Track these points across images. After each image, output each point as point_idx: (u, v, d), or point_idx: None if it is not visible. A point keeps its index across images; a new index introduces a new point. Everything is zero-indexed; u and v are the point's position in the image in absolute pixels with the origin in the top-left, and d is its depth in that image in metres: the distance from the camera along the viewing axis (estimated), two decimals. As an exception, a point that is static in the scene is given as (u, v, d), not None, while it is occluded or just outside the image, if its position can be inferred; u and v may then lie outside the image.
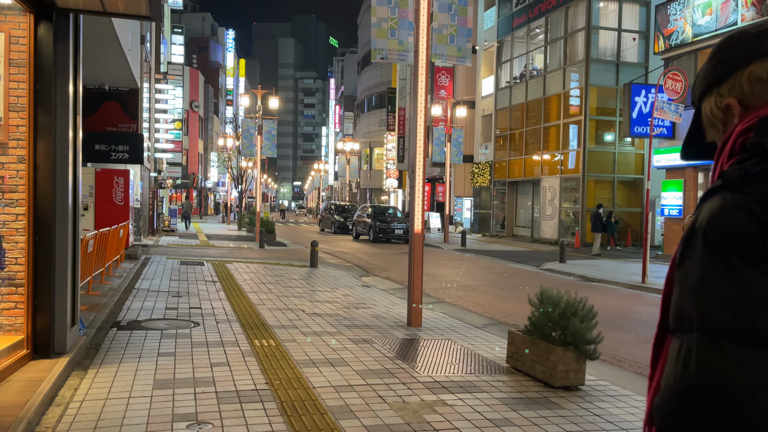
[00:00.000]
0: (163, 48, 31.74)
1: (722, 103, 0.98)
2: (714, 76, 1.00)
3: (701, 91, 1.03)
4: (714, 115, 1.02)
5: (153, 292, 9.36)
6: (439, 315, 8.39)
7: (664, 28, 18.12)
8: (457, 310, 9.15)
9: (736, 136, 0.93)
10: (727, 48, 0.99)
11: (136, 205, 19.47)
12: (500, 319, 8.63)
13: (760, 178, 0.81)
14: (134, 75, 14.24)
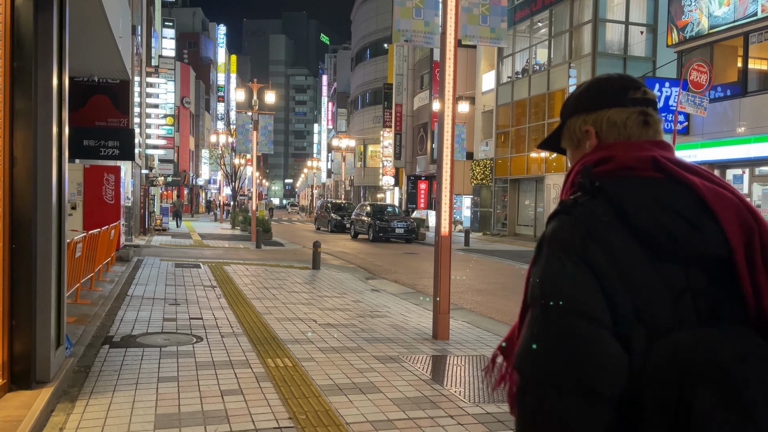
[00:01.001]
0: (154, 42, 30.77)
1: (584, 128, 1.25)
2: (586, 104, 1.25)
3: (571, 111, 1.28)
4: (575, 133, 1.27)
5: (148, 299, 8.55)
6: (463, 324, 7.65)
7: (678, 19, 17.46)
8: (479, 318, 8.41)
9: (574, 174, 1.22)
10: (603, 86, 1.24)
11: (128, 203, 18.59)
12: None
13: (582, 206, 1.12)
14: (125, 65, 13.38)
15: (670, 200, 1.09)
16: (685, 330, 1.04)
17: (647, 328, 1.04)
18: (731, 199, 1.10)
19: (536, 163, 25.76)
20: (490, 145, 29.66)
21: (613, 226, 1.08)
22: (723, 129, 16.56)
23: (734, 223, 1.08)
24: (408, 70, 39.24)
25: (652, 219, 1.08)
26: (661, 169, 1.13)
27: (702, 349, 0.99)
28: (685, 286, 1.07)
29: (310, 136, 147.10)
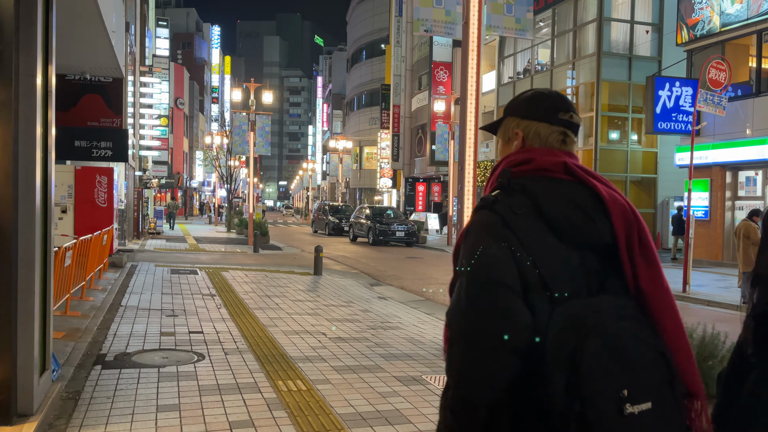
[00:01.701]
0: (148, 42, 30.15)
1: (515, 130, 1.53)
2: (522, 111, 1.53)
3: (511, 112, 1.56)
4: (508, 131, 1.56)
5: (143, 310, 7.97)
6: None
7: (688, 17, 17.02)
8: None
9: (497, 174, 1.49)
10: (540, 102, 1.52)
11: (121, 206, 17.98)
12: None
13: (500, 202, 1.38)
14: (119, 62, 12.80)
15: (574, 197, 1.38)
16: (580, 298, 1.31)
17: (551, 295, 1.30)
18: (619, 200, 1.40)
19: (539, 164, 25.29)
20: (490, 147, 29.17)
21: (528, 216, 1.35)
22: (735, 130, 16.12)
23: (620, 218, 1.38)
24: (406, 71, 38.74)
25: (559, 211, 1.36)
26: (570, 172, 1.41)
27: (590, 312, 1.27)
28: (581, 264, 1.35)
29: (304, 138, 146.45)
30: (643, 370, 1.25)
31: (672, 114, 16.52)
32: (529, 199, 1.38)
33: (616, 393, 1.22)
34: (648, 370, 1.26)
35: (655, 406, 1.24)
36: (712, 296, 11.33)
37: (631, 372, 1.23)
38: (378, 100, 49.77)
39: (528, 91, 1.58)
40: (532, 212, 1.36)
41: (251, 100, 20.99)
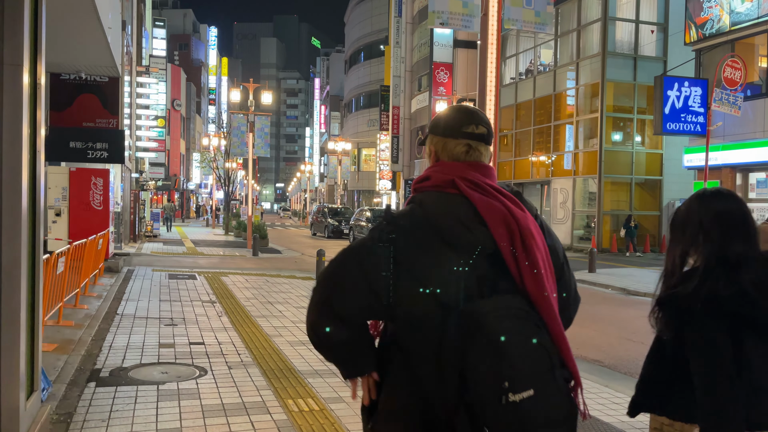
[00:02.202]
0: (145, 42, 29.73)
1: (431, 147, 1.74)
2: (436, 129, 1.73)
3: (430, 130, 1.76)
4: (428, 147, 1.77)
5: (140, 318, 7.57)
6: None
7: (697, 16, 16.70)
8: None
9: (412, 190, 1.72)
10: (450, 120, 1.71)
11: (117, 209, 17.57)
12: (578, 353, 7.00)
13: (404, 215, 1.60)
14: (115, 61, 12.38)
15: (455, 210, 1.58)
16: (471, 301, 1.50)
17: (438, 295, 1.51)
18: (500, 209, 1.57)
19: (542, 166, 24.96)
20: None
21: (421, 226, 1.57)
22: (745, 131, 15.79)
23: (500, 227, 1.55)
24: (405, 72, 38.37)
25: (445, 222, 1.56)
26: (456, 187, 1.61)
27: (477, 314, 1.46)
28: (473, 270, 1.54)
29: (301, 140, 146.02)
30: (525, 362, 1.42)
31: (681, 114, 16.20)
32: (425, 211, 1.57)
33: (498, 385, 1.40)
34: (530, 361, 1.43)
35: (537, 392, 1.42)
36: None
37: (512, 365, 1.40)
38: (376, 101, 49.40)
39: (443, 112, 1.76)
40: (427, 223, 1.56)
41: (250, 100, 20.61)
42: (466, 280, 1.52)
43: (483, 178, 1.63)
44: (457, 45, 32.09)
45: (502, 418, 1.41)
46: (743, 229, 1.79)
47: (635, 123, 22.09)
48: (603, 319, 9.34)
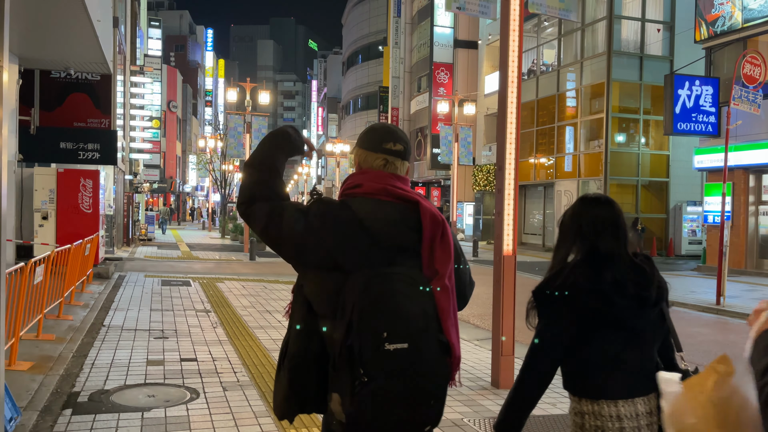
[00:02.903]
0: (140, 42, 29.17)
1: (356, 158, 1.98)
2: (360, 143, 1.98)
3: (357, 141, 2.00)
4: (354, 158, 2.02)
5: (128, 331, 7.01)
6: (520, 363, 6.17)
7: (707, 13, 16.23)
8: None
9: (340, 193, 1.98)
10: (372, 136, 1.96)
11: (109, 211, 16.99)
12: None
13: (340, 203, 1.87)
14: (105, 56, 11.82)
15: (383, 213, 1.83)
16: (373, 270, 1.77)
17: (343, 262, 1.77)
18: (429, 208, 1.84)
19: (545, 168, 24.45)
20: (493, 150, 28.31)
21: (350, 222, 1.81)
22: (758, 131, 15.31)
23: (428, 219, 1.81)
24: (404, 73, 37.86)
25: (374, 223, 1.81)
26: (388, 194, 1.86)
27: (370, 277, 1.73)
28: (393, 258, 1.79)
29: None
30: (404, 320, 1.71)
31: (692, 114, 15.72)
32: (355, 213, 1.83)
33: (379, 335, 1.68)
34: (409, 320, 1.71)
35: (411, 347, 1.70)
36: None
37: (393, 320, 1.69)
38: (374, 103, 48.87)
39: (368, 126, 2.02)
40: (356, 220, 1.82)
41: (247, 100, 20.06)
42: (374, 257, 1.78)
43: (405, 188, 1.90)
44: (458, 45, 31.62)
45: (377, 363, 1.68)
46: (612, 231, 1.99)
47: (641, 124, 21.61)
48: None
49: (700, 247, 21.67)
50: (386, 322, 1.68)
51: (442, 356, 1.76)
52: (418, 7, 36.11)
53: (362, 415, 1.71)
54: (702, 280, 14.78)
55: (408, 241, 1.81)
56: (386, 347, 1.68)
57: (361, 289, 1.72)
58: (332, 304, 1.76)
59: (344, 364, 1.71)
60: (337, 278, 1.77)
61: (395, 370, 1.69)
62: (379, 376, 1.68)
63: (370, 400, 1.69)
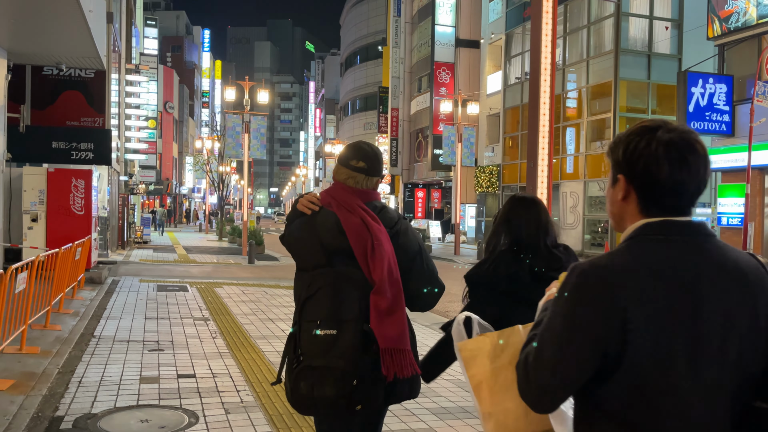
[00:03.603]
0: (135, 41, 28.63)
1: (334, 173, 2.33)
2: (339, 157, 2.34)
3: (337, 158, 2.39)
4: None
5: (120, 342, 6.48)
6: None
7: (720, 9, 15.77)
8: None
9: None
10: (345, 154, 2.32)
11: (103, 213, 16.44)
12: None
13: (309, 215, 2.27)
14: (98, 51, 11.31)
15: (328, 222, 2.18)
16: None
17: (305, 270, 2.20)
18: (358, 224, 2.13)
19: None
20: (496, 151, 27.83)
21: (312, 229, 2.20)
22: (774, 130, 14.84)
23: (354, 235, 2.12)
24: (404, 73, 37.35)
25: (325, 231, 2.17)
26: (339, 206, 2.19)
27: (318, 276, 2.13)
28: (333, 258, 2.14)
29: (295, 144, 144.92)
30: (336, 312, 2.06)
31: (706, 113, 15.26)
32: (313, 220, 2.22)
33: (314, 321, 2.06)
34: (341, 313, 2.06)
35: (339, 333, 2.04)
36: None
37: (326, 310, 2.06)
38: (373, 104, 48.37)
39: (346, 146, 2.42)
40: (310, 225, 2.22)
41: (245, 99, 19.53)
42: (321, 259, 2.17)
43: (357, 201, 2.21)
44: (459, 44, 31.14)
45: (310, 345, 2.06)
46: (535, 226, 2.34)
47: (649, 123, 21.14)
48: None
49: (709, 250, 21.25)
50: (320, 312, 2.06)
51: (366, 344, 2.05)
52: (419, 6, 35.63)
53: (298, 390, 2.07)
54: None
55: (347, 246, 2.12)
56: (318, 332, 2.04)
57: (307, 284, 2.14)
58: (299, 295, 2.20)
59: (290, 347, 2.12)
60: (302, 277, 2.21)
61: (323, 352, 2.02)
62: (310, 357, 2.04)
63: (302, 377, 2.05)
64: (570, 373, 1.26)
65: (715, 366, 1.22)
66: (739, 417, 1.26)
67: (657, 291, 1.22)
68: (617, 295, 1.22)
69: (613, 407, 1.26)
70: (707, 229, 1.30)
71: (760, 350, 1.26)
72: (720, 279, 1.25)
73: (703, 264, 1.25)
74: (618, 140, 1.37)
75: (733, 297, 1.25)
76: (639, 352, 1.21)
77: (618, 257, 1.27)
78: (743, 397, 1.26)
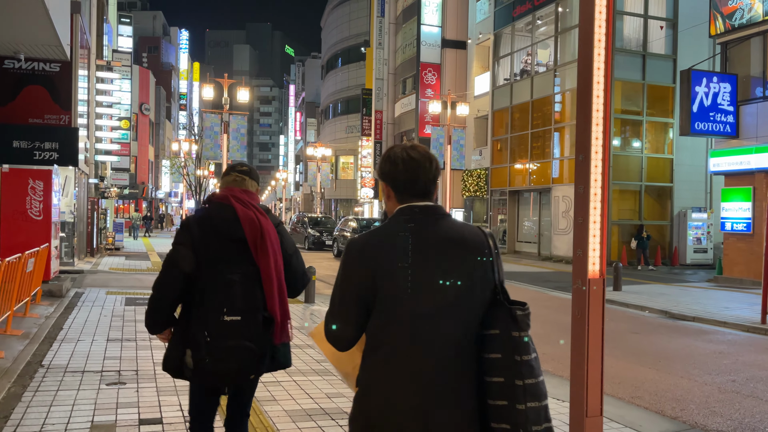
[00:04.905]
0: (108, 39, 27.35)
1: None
2: (224, 172, 2.95)
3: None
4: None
5: (73, 374, 5.42)
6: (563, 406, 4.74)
7: (723, 6, 15.13)
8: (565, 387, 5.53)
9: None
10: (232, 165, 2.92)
11: (69, 218, 15.24)
12: (656, 406, 5.06)
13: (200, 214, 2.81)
14: (60, 38, 10.19)
15: (224, 214, 2.66)
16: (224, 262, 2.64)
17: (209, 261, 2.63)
18: (251, 216, 2.65)
19: (541, 173, 23.22)
20: (484, 154, 27.05)
21: (205, 222, 2.66)
22: (781, 131, 14.21)
23: (247, 226, 2.63)
24: (388, 75, 36.48)
25: (219, 222, 2.65)
26: (228, 200, 2.69)
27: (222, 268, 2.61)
28: (235, 249, 2.62)
29: (275, 148, 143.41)
30: (240, 299, 2.58)
31: (710, 113, 14.59)
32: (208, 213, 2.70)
33: (221, 309, 2.55)
34: (243, 300, 2.58)
35: (243, 319, 2.57)
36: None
37: (232, 300, 2.57)
38: (355, 107, 47.43)
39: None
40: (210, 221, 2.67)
41: (225, 98, 18.46)
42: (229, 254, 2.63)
43: (247, 198, 2.74)
44: (446, 45, 30.37)
45: (218, 329, 2.54)
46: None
47: (644, 125, 20.51)
48: (662, 354, 7.46)
49: (706, 256, 20.62)
50: (226, 301, 2.58)
51: (265, 327, 2.64)
52: (403, 6, 34.82)
53: (204, 364, 2.56)
54: (725, 293, 13.58)
55: (241, 234, 2.65)
56: (225, 318, 2.56)
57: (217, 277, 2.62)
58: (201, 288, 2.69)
59: (194, 330, 2.58)
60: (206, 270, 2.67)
61: (229, 334, 2.56)
62: (217, 338, 2.55)
63: (210, 353, 2.54)
64: (346, 315, 1.82)
65: (434, 300, 1.74)
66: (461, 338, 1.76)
67: (396, 251, 1.76)
68: (369, 256, 1.79)
69: (370, 332, 1.80)
70: (441, 210, 1.86)
71: (474, 290, 1.78)
72: (445, 243, 1.79)
73: (431, 234, 1.79)
74: (379, 163, 1.95)
75: (453, 255, 1.78)
76: (384, 292, 1.75)
77: (377, 231, 1.84)
78: (461, 322, 1.76)
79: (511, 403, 1.66)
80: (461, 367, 1.72)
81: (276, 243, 2.67)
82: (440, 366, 1.71)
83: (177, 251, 2.62)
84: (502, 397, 1.68)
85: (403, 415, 1.69)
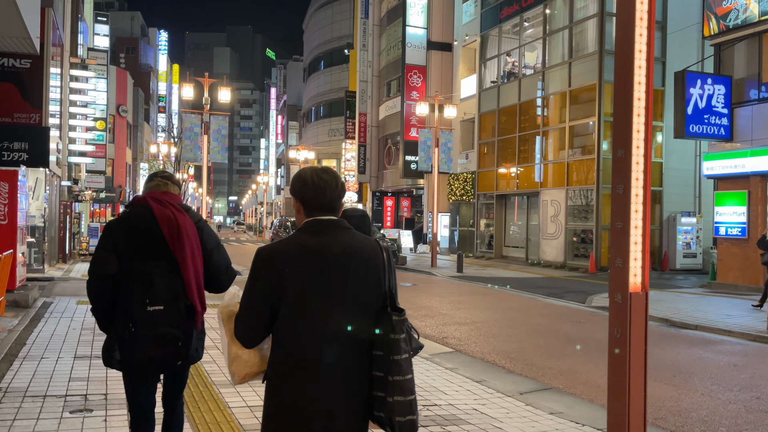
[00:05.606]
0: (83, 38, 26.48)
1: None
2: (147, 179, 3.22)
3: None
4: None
5: (34, 398, 4.79)
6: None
7: (717, 6, 14.87)
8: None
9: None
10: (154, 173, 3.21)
11: (39, 222, 14.47)
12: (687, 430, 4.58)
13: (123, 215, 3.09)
14: (29, 31, 9.51)
15: (143, 214, 2.89)
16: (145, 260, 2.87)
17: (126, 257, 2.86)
18: (167, 214, 2.87)
19: (529, 176, 22.86)
20: (471, 157, 26.63)
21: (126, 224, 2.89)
22: (777, 134, 13.95)
23: (165, 224, 2.85)
24: (373, 77, 35.97)
25: (139, 221, 2.88)
26: (147, 201, 2.91)
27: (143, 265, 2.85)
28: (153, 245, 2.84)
29: (255, 151, 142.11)
30: (161, 291, 2.82)
31: (704, 116, 14.28)
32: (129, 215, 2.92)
33: (144, 300, 2.80)
34: (163, 291, 2.83)
35: (165, 308, 2.82)
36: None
37: (154, 291, 2.81)
38: (338, 110, 46.87)
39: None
40: (129, 221, 2.90)
41: (205, 97, 17.80)
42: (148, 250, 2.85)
43: (166, 198, 2.95)
44: (431, 47, 29.95)
45: (141, 319, 2.78)
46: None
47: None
48: (675, 367, 7.00)
49: (696, 261, 20.39)
50: (149, 292, 2.81)
51: (188, 314, 2.89)
52: (388, 8, 34.37)
53: (131, 353, 2.79)
54: (722, 299, 13.25)
55: (160, 230, 2.86)
56: (148, 309, 2.79)
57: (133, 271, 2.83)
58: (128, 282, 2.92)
59: (119, 320, 2.81)
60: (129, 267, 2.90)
61: (153, 323, 2.78)
62: (141, 327, 2.78)
63: (135, 342, 2.78)
64: (254, 315, 2.01)
65: (336, 303, 2.00)
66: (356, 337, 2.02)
67: (301, 259, 1.99)
68: (279, 262, 1.99)
69: (277, 332, 2.01)
70: (344, 224, 2.09)
71: (369, 296, 2.05)
72: (343, 254, 2.02)
73: (333, 244, 2.03)
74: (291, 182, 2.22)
75: (350, 264, 2.03)
76: (289, 295, 1.97)
77: (285, 241, 2.04)
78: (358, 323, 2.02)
79: (385, 395, 1.96)
80: (358, 362, 2.00)
81: (194, 238, 2.91)
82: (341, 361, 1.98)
83: (98, 257, 2.85)
84: (381, 389, 1.98)
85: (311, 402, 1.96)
